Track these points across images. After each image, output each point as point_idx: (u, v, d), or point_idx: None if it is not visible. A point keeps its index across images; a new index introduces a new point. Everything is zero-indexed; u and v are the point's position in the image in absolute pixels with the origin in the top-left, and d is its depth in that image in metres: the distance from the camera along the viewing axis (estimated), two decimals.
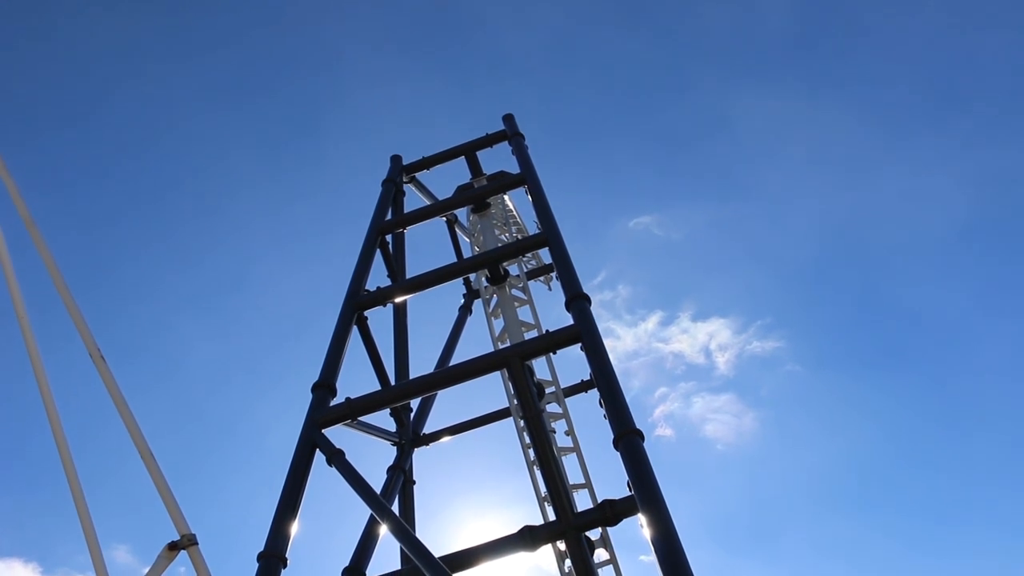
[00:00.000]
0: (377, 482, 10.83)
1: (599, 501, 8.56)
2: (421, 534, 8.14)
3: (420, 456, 12.51)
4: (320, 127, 35.14)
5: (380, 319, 11.72)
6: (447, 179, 15.34)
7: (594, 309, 9.32)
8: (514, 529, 8.32)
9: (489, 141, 14.40)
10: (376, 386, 11.04)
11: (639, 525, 7.43)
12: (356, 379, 11.63)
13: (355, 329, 10.69)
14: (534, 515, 11.62)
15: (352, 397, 9.28)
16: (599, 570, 10.99)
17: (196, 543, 3.12)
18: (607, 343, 12.33)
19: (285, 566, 7.93)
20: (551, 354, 11.34)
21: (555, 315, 14.83)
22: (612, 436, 7.73)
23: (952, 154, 33.16)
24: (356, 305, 10.78)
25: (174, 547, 3.10)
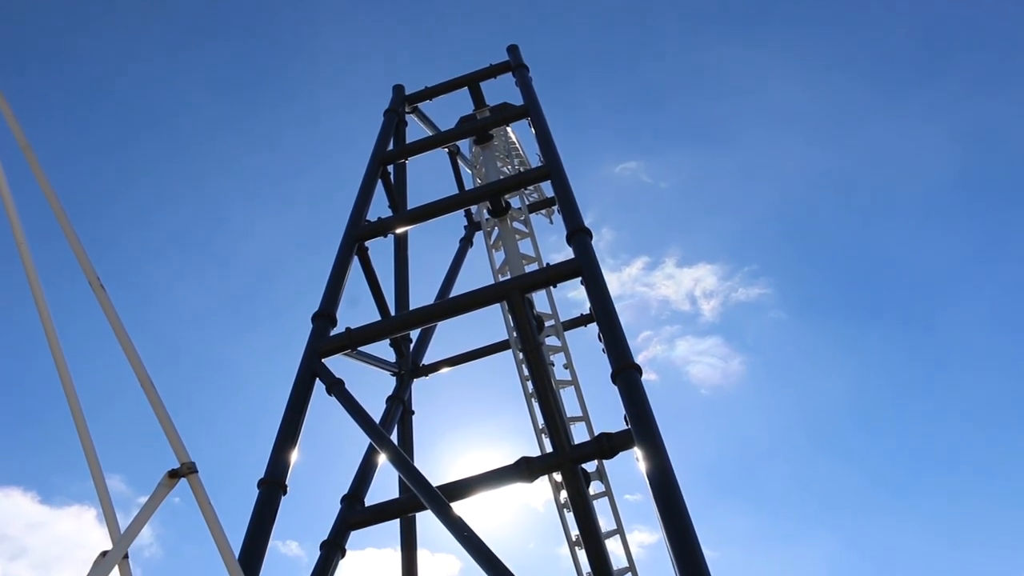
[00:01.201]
0: (376, 412, 10.92)
1: (596, 434, 8.63)
2: (419, 464, 8.25)
3: (419, 387, 12.60)
4: (318, 57, 34.69)
5: (380, 252, 11.72)
6: (449, 111, 15.21)
7: None
8: (512, 460, 8.41)
9: (492, 72, 14.22)
10: (376, 317, 11.06)
11: (634, 459, 7.51)
12: (356, 311, 11.67)
13: (356, 260, 10.69)
14: (532, 447, 11.73)
15: (352, 327, 9.31)
16: (594, 502, 11.12)
17: (196, 471, 3.15)
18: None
19: (285, 493, 8.03)
20: (551, 287, 11.35)
21: (557, 248, 14.83)
22: (610, 371, 7.78)
23: (942, 106, 32.82)
24: (357, 235, 10.75)
25: (174, 475, 3.13)
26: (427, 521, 11.47)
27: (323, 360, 9.08)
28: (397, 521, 10.90)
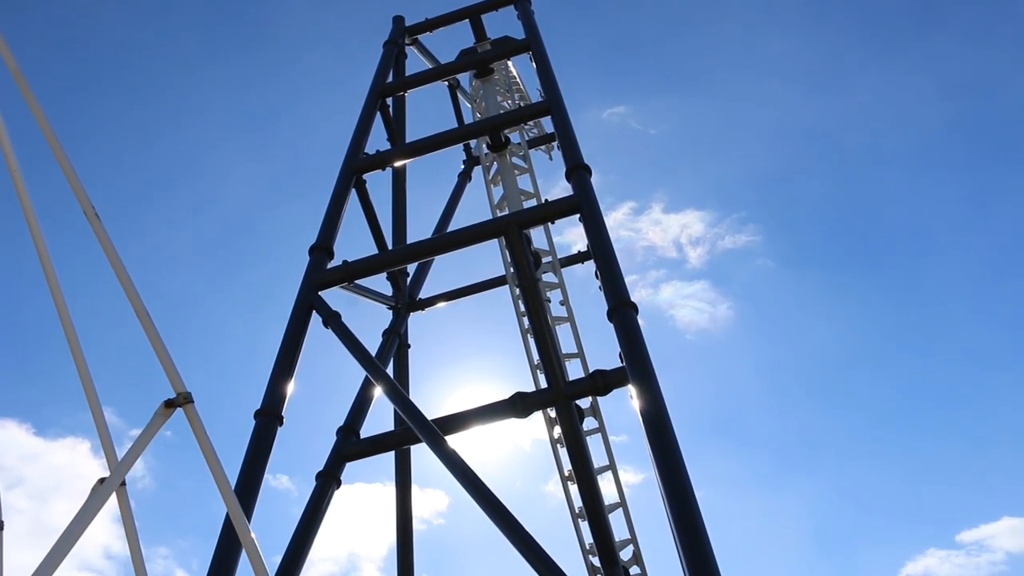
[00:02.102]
0: (373, 346, 10.96)
1: (590, 371, 8.68)
2: (414, 397, 8.30)
3: (415, 321, 12.64)
4: None
5: (378, 186, 11.65)
6: (450, 44, 15.01)
7: None
8: (506, 396, 8.47)
9: (494, 4, 14.01)
10: (373, 251, 11.05)
11: (628, 397, 7.57)
12: (353, 244, 11.64)
13: (353, 194, 10.64)
14: (526, 383, 11.81)
15: (349, 260, 9.31)
16: (587, 438, 11.23)
17: (192, 401, 3.16)
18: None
19: (281, 424, 8.10)
20: (549, 224, 11.33)
21: (555, 185, 14.75)
22: (606, 309, 7.80)
23: (934, 58, 32.48)
24: (355, 168, 10.69)
25: (170, 405, 3.14)
26: (417, 456, 11.62)
27: (320, 293, 9.09)
28: (387, 456, 11.00)
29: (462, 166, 15.22)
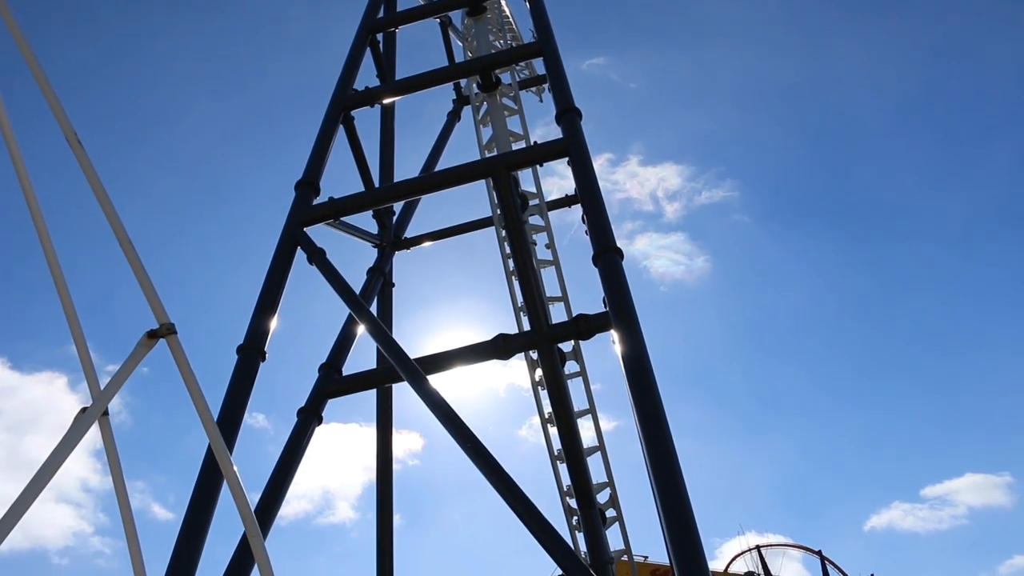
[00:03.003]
0: (357, 285, 10.95)
1: (574, 315, 8.71)
2: (397, 336, 8.30)
3: (400, 261, 12.62)
4: None
5: (366, 124, 11.54)
6: None
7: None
8: (489, 337, 8.50)
9: None
10: (360, 189, 10.99)
11: (610, 342, 7.60)
12: (340, 183, 11.57)
13: (341, 132, 10.54)
14: (509, 326, 11.84)
15: (335, 197, 9.25)
16: (568, 381, 11.30)
17: (175, 332, 3.15)
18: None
19: (264, 359, 8.10)
20: (537, 166, 11.28)
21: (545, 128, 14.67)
22: (591, 254, 7.80)
23: (908, 23, 32.42)
24: (343, 104, 10.57)
25: (153, 335, 3.13)
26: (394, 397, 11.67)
27: (305, 229, 9.04)
28: (362, 398, 11.04)
29: (452, 105, 15.10)
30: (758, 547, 40.93)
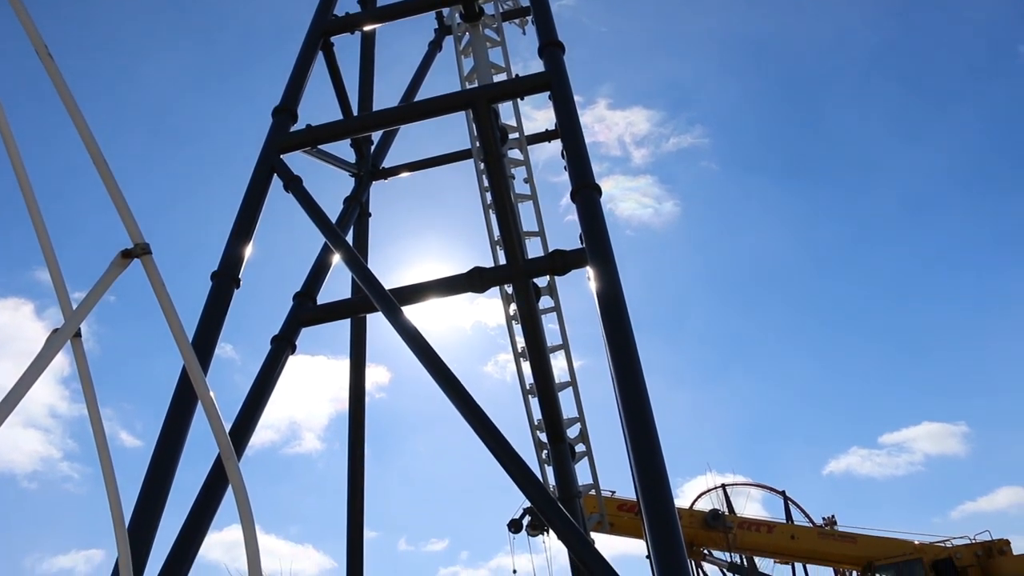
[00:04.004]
0: (333, 215, 10.87)
1: (550, 251, 8.72)
2: (373, 267, 8.28)
3: (377, 192, 12.54)
4: None
5: (346, 53, 11.35)
6: None
7: None
8: (465, 269, 8.49)
9: None
10: (339, 118, 10.86)
11: (585, 279, 7.62)
12: (318, 111, 11.42)
13: (320, 59, 10.37)
14: (486, 259, 11.84)
15: (313, 124, 9.14)
16: (542, 316, 11.36)
17: (150, 252, 3.11)
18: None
19: (238, 287, 8.07)
20: (518, 100, 11.19)
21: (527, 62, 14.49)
22: (569, 190, 7.78)
23: None
24: (323, 29, 10.38)
25: (127, 255, 3.08)
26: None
27: (282, 156, 8.94)
28: (330, 330, 11.05)
29: (433, 35, 14.87)
30: (723, 486, 41.69)
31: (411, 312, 8.13)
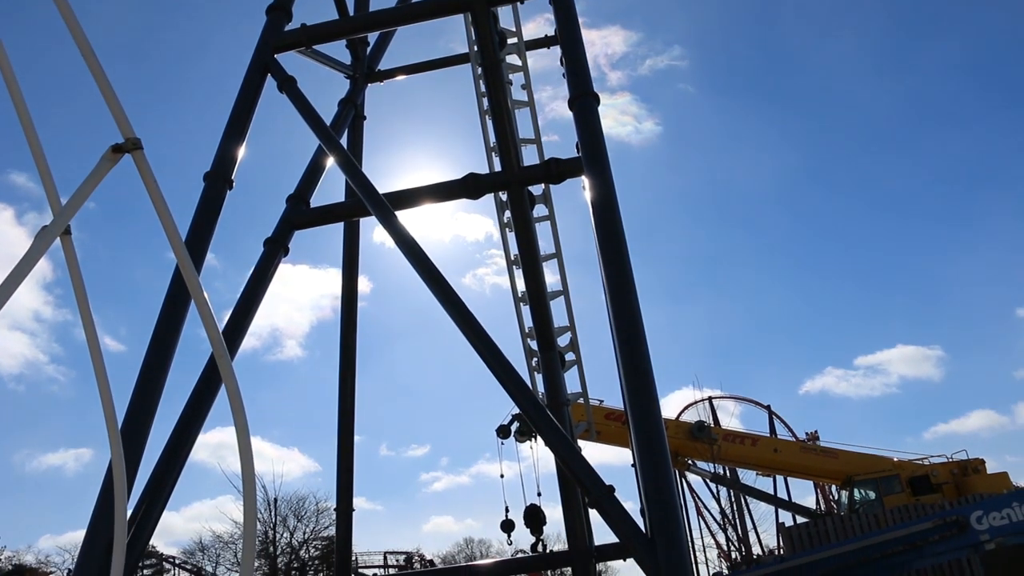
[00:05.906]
0: (328, 118, 10.74)
1: (546, 159, 8.65)
2: (367, 171, 8.20)
3: (373, 95, 12.37)
4: None
5: None
6: None
7: None
8: (460, 175, 8.44)
9: None
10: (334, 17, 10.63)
11: (580, 188, 7.58)
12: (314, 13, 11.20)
13: None
14: (481, 166, 11.76)
15: (308, 24, 8.96)
16: (536, 224, 11.33)
17: (141, 147, 3.06)
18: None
19: (231, 188, 8.00)
20: (518, 3, 10.97)
21: None
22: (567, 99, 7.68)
23: None
24: None
25: (118, 150, 3.03)
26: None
27: (276, 56, 8.78)
28: (311, 236, 11.00)
29: None
30: (710, 399, 42.35)
31: (404, 217, 8.12)
